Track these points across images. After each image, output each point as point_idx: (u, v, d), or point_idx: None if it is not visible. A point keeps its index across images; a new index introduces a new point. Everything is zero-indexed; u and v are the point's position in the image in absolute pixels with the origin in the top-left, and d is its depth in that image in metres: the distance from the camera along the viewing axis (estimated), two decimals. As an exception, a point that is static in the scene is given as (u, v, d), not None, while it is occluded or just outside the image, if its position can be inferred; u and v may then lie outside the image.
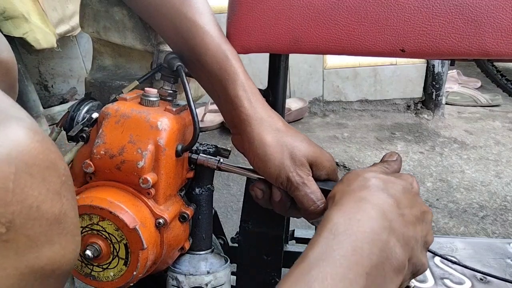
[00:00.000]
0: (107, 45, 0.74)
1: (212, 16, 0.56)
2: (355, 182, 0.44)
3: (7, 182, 0.24)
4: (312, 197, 0.50)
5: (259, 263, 0.68)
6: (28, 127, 0.26)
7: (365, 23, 0.51)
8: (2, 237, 0.24)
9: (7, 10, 1.55)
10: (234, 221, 1.42)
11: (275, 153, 0.51)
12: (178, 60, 0.55)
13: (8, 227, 0.24)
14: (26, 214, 0.25)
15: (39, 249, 0.27)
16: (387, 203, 0.41)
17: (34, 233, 0.26)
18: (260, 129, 0.51)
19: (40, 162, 0.26)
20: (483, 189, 1.65)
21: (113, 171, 0.51)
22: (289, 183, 0.51)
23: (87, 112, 0.60)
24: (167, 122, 0.52)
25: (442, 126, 2.25)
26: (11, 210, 0.24)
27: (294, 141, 0.52)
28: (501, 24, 0.48)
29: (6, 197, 0.24)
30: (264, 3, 0.53)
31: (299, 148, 0.51)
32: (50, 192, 0.27)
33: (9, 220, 0.24)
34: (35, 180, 0.26)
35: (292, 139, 0.52)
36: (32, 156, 0.25)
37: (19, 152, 0.25)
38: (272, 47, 0.55)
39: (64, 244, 0.28)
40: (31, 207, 0.25)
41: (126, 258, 0.49)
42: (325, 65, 2.33)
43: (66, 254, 0.29)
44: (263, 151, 0.51)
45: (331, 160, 0.54)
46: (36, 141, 0.26)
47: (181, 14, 0.55)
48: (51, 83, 2.34)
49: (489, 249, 1.02)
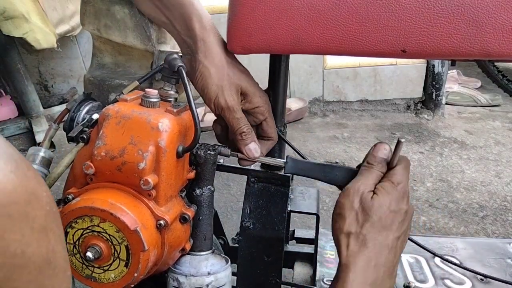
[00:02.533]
0: (107, 43, 0.74)
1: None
2: (367, 217, 0.52)
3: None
4: (240, 121, 0.59)
5: (259, 264, 0.68)
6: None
7: (366, 23, 0.51)
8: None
9: (7, 10, 1.55)
10: (234, 221, 1.42)
11: (217, 74, 0.58)
12: (179, 60, 0.55)
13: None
14: (10, 264, 0.21)
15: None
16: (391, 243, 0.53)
17: (23, 283, 0.22)
18: (209, 53, 0.58)
19: (19, 197, 0.22)
20: (483, 189, 1.65)
21: (113, 173, 0.51)
22: (222, 106, 0.58)
23: (87, 113, 0.60)
24: (168, 123, 0.51)
25: (442, 126, 2.25)
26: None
27: (235, 70, 0.59)
28: (502, 24, 0.47)
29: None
30: (264, 4, 0.53)
31: (238, 77, 0.59)
32: (35, 230, 0.23)
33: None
34: (15, 222, 0.21)
35: (234, 68, 0.59)
36: (8, 193, 0.21)
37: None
38: (273, 48, 0.55)
39: (57, 285, 0.25)
40: (15, 254, 0.21)
41: (127, 260, 0.49)
42: (325, 65, 2.33)
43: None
44: (208, 72, 0.58)
45: (263, 97, 0.61)
46: (10, 172, 0.21)
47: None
48: (51, 83, 2.34)
49: (489, 249, 1.02)
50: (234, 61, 0.60)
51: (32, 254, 0.22)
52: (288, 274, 0.93)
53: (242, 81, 0.59)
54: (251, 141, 0.60)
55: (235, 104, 0.58)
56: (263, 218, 0.67)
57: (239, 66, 0.61)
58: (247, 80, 0.60)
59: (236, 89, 0.59)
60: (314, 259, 0.85)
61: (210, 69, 0.58)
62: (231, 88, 0.58)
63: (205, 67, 0.58)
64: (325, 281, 0.89)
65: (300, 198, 0.83)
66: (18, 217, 0.22)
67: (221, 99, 0.58)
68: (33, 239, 0.22)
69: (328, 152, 1.93)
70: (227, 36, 0.57)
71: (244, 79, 0.60)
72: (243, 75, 0.60)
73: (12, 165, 0.22)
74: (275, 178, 0.68)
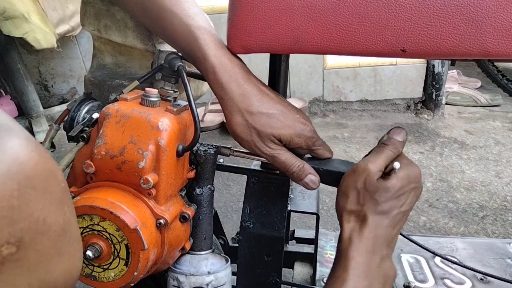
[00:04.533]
0: (108, 44, 0.74)
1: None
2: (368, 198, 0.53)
3: (11, 200, 0.23)
4: (287, 163, 0.56)
5: (259, 263, 0.68)
6: (21, 137, 0.24)
7: (365, 23, 0.51)
8: (14, 257, 0.23)
9: (7, 10, 1.55)
10: (234, 221, 1.42)
11: (243, 133, 0.55)
12: (179, 60, 0.55)
13: (18, 245, 0.23)
14: (34, 230, 0.24)
15: (50, 263, 0.26)
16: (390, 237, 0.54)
17: (44, 247, 0.25)
18: (230, 109, 0.54)
19: (40, 172, 0.25)
20: (483, 189, 1.65)
21: (114, 172, 0.51)
22: (262, 156, 0.56)
23: (87, 112, 0.60)
24: (168, 122, 0.52)
25: (442, 126, 2.25)
26: (19, 228, 0.23)
27: (261, 117, 0.54)
28: (502, 24, 0.48)
29: (13, 215, 0.23)
30: (264, 3, 0.53)
31: (267, 125, 0.54)
32: (54, 202, 0.26)
33: (19, 238, 0.23)
34: (38, 193, 0.24)
35: (260, 120, 0.54)
36: (32, 168, 0.24)
37: (18, 165, 0.23)
38: (273, 47, 0.55)
39: (72, 253, 0.28)
40: (38, 221, 0.24)
41: (127, 259, 0.49)
42: (325, 65, 2.33)
43: (74, 263, 0.28)
44: (233, 130, 0.55)
45: (304, 133, 0.56)
46: (32, 151, 0.25)
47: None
48: (51, 83, 2.34)
49: (489, 249, 1.02)
50: (258, 111, 0.54)
51: (51, 223, 0.25)
52: (288, 274, 0.93)
53: (273, 128, 0.54)
54: (305, 176, 0.56)
55: (274, 152, 0.55)
56: (263, 217, 0.67)
57: (267, 105, 0.54)
58: (278, 125, 0.54)
59: (269, 139, 0.54)
60: (314, 259, 0.85)
61: (235, 129, 0.55)
62: (263, 140, 0.54)
63: (229, 126, 0.55)
64: (325, 281, 0.89)
65: (300, 198, 0.83)
66: (40, 189, 0.25)
67: (258, 151, 0.55)
68: (52, 210, 0.25)
69: (328, 152, 1.93)
70: (227, 36, 0.57)
71: (275, 124, 0.54)
72: (272, 119, 0.54)
73: (33, 145, 0.25)
74: (275, 178, 0.68)
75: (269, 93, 0.56)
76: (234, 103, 0.54)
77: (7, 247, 0.23)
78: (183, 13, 0.54)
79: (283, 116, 0.55)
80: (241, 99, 0.54)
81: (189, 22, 0.54)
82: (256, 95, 0.54)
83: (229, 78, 0.54)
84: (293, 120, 0.55)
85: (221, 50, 0.54)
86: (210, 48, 0.53)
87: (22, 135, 0.25)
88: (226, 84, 0.54)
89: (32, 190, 0.24)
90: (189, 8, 0.55)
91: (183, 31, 0.54)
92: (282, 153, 0.56)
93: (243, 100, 0.54)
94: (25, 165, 0.24)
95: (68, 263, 0.27)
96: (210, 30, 0.55)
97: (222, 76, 0.53)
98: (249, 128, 0.54)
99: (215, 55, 0.53)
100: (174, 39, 0.55)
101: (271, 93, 0.56)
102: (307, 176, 0.57)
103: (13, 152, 0.23)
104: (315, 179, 0.57)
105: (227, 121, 0.56)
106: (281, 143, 0.55)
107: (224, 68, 0.54)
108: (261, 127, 0.54)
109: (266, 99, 0.55)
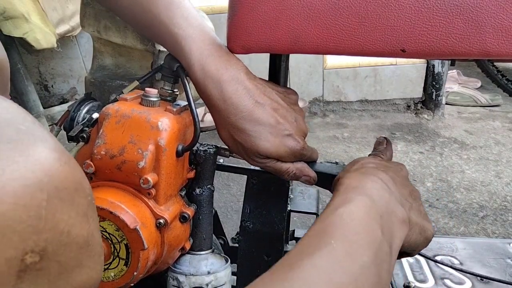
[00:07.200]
0: (108, 45, 0.74)
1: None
2: (358, 165, 0.53)
3: (39, 210, 0.23)
4: (279, 172, 0.56)
5: (259, 263, 0.68)
6: (54, 148, 0.25)
7: (365, 23, 0.51)
8: (36, 266, 0.24)
9: (7, 10, 1.55)
10: (234, 221, 1.43)
11: (231, 145, 0.55)
12: (178, 60, 0.55)
13: (42, 255, 0.24)
14: (58, 241, 0.24)
15: (70, 274, 0.26)
16: (385, 178, 0.50)
17: (66, 258, 0.25)
18: (217, 121, 0.54)
19: (69, 184, 0.25)
20: (483, 189, 1.65)
21: (113, 171, 0.51)
22: (253, 164, 0.56)
23: (87, 112, 0.60)
24: (168, 122, 0.52)
25: (442, 126, 2.25)
26: (44, 238, 0.24)
27: (246, 139, 0.52)
28: (502, 24, 0.48)
29: (39, 225, 0.23)
30: (264, 4, 0.53)
31: (251, 145, 0.53)
32: (79, 215, 0.26)
33: (43, 248, 0.24)
34: (65, 204, 0.25)
35: (245, 138, 0.52)
36: (62, 180, 0.25)
37: (49, 177, 0.24)
38: (273, 47, 0.55)
39: (92, 266, 0.28)
40: (62, 232, 0.25)
41: (126, 259, 0.49)
42: (325, 65, 2.33)
43: (93, 275, 0.28)
44: (223, 141, 0.56)
45: (289, 151, 0.54)
46: (64, 163, 0.25)
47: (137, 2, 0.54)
48: (51, 83, 2.35)
49: (489, 249, 1.02)
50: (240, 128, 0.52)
51: (75, 235, 0.26)
52: (288, 274, 0.93)
53: (259, 147, 0.52)
54: (301, 177, 0.57)
55: (263, 164, 0.55)
56: (263, 217, 0.67)
57: (254, 121, 0.52)
58: (264, 145, 0.53)
59: (256, 155, 0.54)
60: (314, 259, 0.85)
61: (223, 139, 0.55)
62: (249, 155, 0.54)
63: (217, 129, 0.55)
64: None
65: (300, 198, 0.83)
66: (67, 201, 0.25)
67: (248, 162, 0.56)
68: (77, 222, 0.26)
69: (328, 152, 1.93)
70: (227, 36, 0.56)
71: (260, 143, 0.52)
72: (257, 139, 0.52)
73: (66, 157, 0.26)
74: (275, 178, 0.69)
75: (264, 101, 0.53)
76: (221, 117, 0.53)
77: (31, 256, 0.23)
78: (170, 22, 0.53)
79: (271, 134, 0.52)
80: (226, 114, 0.52)
81: (176, 31, 0.52)
82: (242, 110, 0.51)
83: (215, 90, 0.52)
84: (282, 137, 0.53)
85: (208, 59, 0.52)
86: (194, 58, 0.52)
87: (56, 148, 0.25)
88: (212, 97, 0.52)
89: (59, 201, 0.25)
90: (179, 16, 0.53)
91: (170, 41, 0.53)
92: (271, 164, 0.55)
93: (229, 116, 0.52)
94: (56, 176, 0.24)
95: (87, 276, 0.27)
96: (198, 38, 0.52)
97: (207, 89, 0.52)
98: (236, 143, 0.54)
99: (200, 66, 0.52)
100: (165, 47, 0.56)
101: (266, 101, 0.53)
102: (302, 177, 0.58)
103: (46, 163, 0.24)
104: (310, 178, 0.58)
105: (217, 131, 0.56)
106: (268, 158, 0.55)
107: (211, 79, 0.52)
108: (246, 144, 0.53)
109: (255, 113, 0.52)
